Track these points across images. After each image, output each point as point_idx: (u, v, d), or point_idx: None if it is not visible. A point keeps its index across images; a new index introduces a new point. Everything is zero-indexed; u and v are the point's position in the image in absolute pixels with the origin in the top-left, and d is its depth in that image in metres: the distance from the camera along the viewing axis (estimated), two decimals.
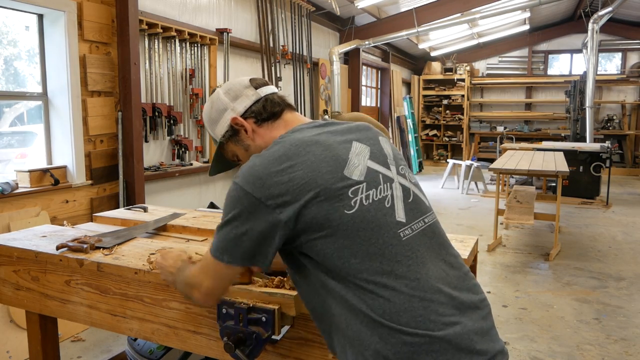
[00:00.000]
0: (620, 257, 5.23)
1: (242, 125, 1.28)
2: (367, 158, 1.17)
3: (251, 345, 1.30)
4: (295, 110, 1.35)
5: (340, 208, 1.08)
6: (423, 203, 1.22)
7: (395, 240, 1.10)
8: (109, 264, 1.65)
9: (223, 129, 1.31)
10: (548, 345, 3.25)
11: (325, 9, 7.77)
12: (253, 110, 1.29)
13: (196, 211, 2.50)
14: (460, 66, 13.54)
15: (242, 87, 1.31)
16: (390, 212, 1.12)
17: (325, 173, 1.10)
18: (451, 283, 1.12)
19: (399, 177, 1.20)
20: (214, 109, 1.33)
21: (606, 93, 12.67)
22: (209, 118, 1.35)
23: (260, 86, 1.32)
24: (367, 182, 1.13)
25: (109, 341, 3.24)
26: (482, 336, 1.09)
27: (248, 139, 1.29)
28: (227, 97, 1.31)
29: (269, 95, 1.31)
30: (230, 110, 1.30)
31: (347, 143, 1.18)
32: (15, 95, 3.70)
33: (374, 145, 1.22)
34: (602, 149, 7.96)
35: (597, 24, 9.08)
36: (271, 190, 1.08)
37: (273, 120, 1.29)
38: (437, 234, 1.20)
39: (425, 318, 1.04)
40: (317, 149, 1.14)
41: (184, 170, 4.71)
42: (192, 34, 4.84)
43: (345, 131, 1.23)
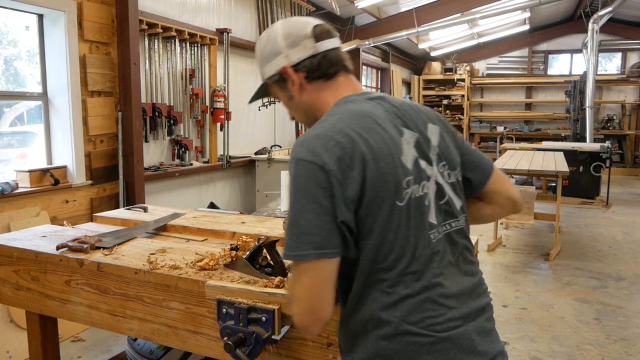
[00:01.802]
0: (620, 257, 5.22)
1: (290, 77, 1.20)
2: (414, 148, 1.11)
3: (251, 345, 1.30)
4: (351, 74, 1.25)
5: (393, 197, 1.03)
6: (455, 206, 1.17)
7: (426, 242, 1.07)
8: (109, 264, 1.65)
9: (271, 71, 1.23)
10: (548, 345, 3.25)
11: (325, 9, 7.77)
12: (306, 65, 1.18)
13: (196, 211, 2.50)
14: (460, 66, 13.54)
15: (302, 34, 1.19)
16: (426, 212, 1.09)
17: (386, 155, 1.04)
18: (465, 290, 1.12)
19: (438, 175, 1.14)
20: (267, 47, 1.23)
21: (606, 93, 12.67)
22: (261, 54, 1.26)
23: (322, 38, 1.20)
24: (414, 176, 1.08)
25: (109, 341, 3.23)
26: (483, 337, 1.09)
27: (294, 91, 1.21)
28: (284, 41, 1.20)
29: (328, 52, 1.20)
30: (284, 57, 1.20)
31: (400, 126, 1.12)
32: (15, 95, 3.70)
33: (421, 134, 1.14)
34: (602, 149, 7.96)
35: (597, 24, 9.08)
36: (341, 163, 1.00)
37: (325, 80, 1.20)
38: (461, 239, 1.16)
39: (433, 321, 1.04)
40: (377, 127, 1.08)
41: (184, 170, 4.71)
42: (192, 34, 4.84)
43: (398, 112, 1.15)
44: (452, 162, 1.19)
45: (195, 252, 1.74)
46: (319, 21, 1.24)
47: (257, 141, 6.35)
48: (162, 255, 1.71)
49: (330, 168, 1.00)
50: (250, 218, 2.34)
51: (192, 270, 1.55)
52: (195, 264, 1.59)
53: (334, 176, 1.00)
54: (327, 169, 1.00)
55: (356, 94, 1.19)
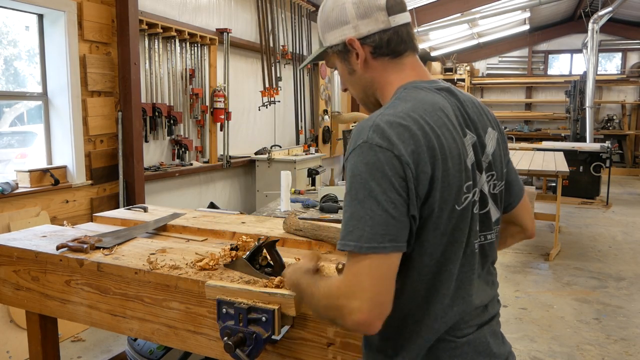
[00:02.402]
0: (620, 257, 5.22)
1: (356, 50, 1.11)
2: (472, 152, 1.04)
3: (251, 345, 1.30)
4: (417, 55, 1.17)
5: (455, 200, 0.98)
6: (492, 218, 1.11)
7: (472, 250, 1.04)
8: (109, 264, 1.65)
9: (335, 40, 1.13)
10: (548, 345, 3.25)
11: None
12: (375, 40, 1.09)
13: (196, 211, 2.50)
14: (460, 66, 13.54)
15: (375, 6, 1.09)
16: (474, 219, 1.05)
17: (455, 156, 0.99)
18: (485, 300, 1.12)
19: (485, 184, 1.09)
20: (334, 12, 1.12)
21: (606, 93, 12.67)
22: (325, 19, 1.15)
23: (395, 12, 1.10)
24: (472, 181, 1.03)
25: (109, 341, 3.23)
26: (495, 339, 1.11)
27: (356, 65, 1.13)
28: (354, 10, 1.10)
29: (399, 28, 1.11)
30: (352, 28, 1.10)
31: (463, 126, 1.05)
32: (15, 95, 3.70)
33: (479, 138, 1.08)
34: (602, 149, 7.96)
35: (597, 24, 9.08)
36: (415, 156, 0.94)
37: (392, 58, 1.11)
38: (489, 253, 1.13)
39: (455, 327, 1.04)
40: (449, 123, 1.01)
41: (184, 170, 4.71)
42: (192, 34, 4.84)
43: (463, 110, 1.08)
44: (499, 173, 1.14)
45: (195, 252, 1.74)
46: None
47: (257, 141, 6.35)
48: (162, 255, 1.71)
49: (407, 160, 0.92)
50: (250, 218, 2.34)
51: (192, 270, 1.55)
52: (195, 264, 1.59)
53: (409, 169, 0.92)
54: (403, 160, 0.92)
55: (425, 82, 1.10)
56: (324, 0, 1.18)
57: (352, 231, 0.92)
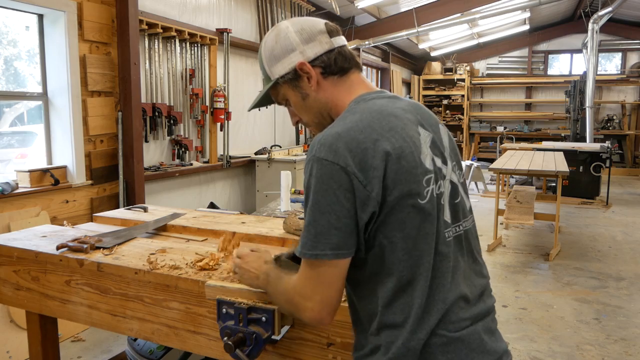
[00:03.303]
0: (620, 257, 5.23)
1: (307, 73, 1.16)
2: (429, 147, 1.10)
3: (251, 345, 1.30)
4: (361, 71, 1.24)
5: (416, 195, 1.03)
6: (465, 206, 1.17)
7: (441, 240, 1.07)
8: (109, 264, 1.65)
9: (284, 69, 1.17)
10: (548, 345, 3.25)
11: (325, 9, 7.77)
12: (323, 60, 1.15)
13: (196, 211, 2.50)
14: (460, 66, 13.54)
15: (317, 30, 1.17)
16: (442, 210, 1.08)
17: (407, 154, 1.04)
18: (475, 291, 1.12)
19: (452, 174, 1.15)
20: (279, 44, 1.18)
21: (606, 93, 12.68)
22: (270, 53, 1.19)
23: (335, 35, 1.18)
24: (433, 175, 1.07)
25: (109, 341, 3.24)
26: (490, 336, 1.10)
27: (309, 89, 1.17)
28: (298, 37, 1.16)
29: (342, 48, 1.18)
30: (299, 53, 1.16)
31: (416, 125, 1.11)
32: (15, 95, 3.70)
33: (435, 134, 1.15)
34: (602, 149, 7.96)
35: (597, 24, 9.08)
36: (363, 164, 0.99)
37: (340, 76, 1.17)
38: (471, 240, 1.16)
39: (444, 321, 1.05)
40: (398, 125, 1.07)
41: (184, 170, 4.71)
42: (192, 34, 4.84)
43: (412, 111, 1.14)
44: (459, 163, 1.21)
45: (195, 252, 1.74)
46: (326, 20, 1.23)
47: (257, 141, 6.35)
48: (162, 255, 1.71)
49: (353, 170, 0.99)
50: (250, 218, 2.34)
51: (192, 270, 1.56)
52: (195, 264, 1.59)
53: (356, 178, 0.99)
54: (349, 170, 0.99)
55: (373, 92, 1.17)
56: (263, 38, 1.24)
57: (302, 238, 1.02)
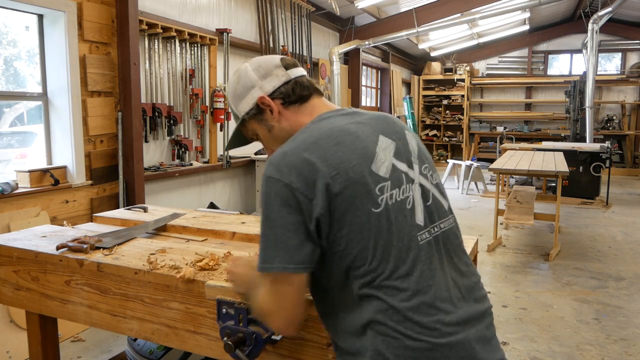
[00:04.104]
0: (620, 257, 5.23)
1: (268, 105, 1.23)
2: (392, 154, 1.13)
3: (251, 346, 1.30)
4: (322, 96, 1.30)
5: (368, 204, 1.05)
6: (442, 207, 1.19)
7: (413, 244, 1.08)
8: (109, 264, 1.65)
9: (248, 106, 1.26)
10: (548, 345, 3.25)
11: (325, 9, 7.77)
12: (282, 92, 1.24)
13: (196, 211, 2.50)
14: (460, 66, 13.54)
15: (272, 65, 1.26)
16: (410, 214, 1.10)
17: (355, 166, 1.07)
18: (460, 292, 1.11)
19: (421, 178, 1.17)
20: (240, 84, 1.27)
21: (606, 93, 12.68)
22: (234, 93, 1.29)
23: (291, 67, 1.27)
24: (391, 181, 1.09)
25: (109, 341, 3.23)
26: (483, 345, 1.09)
27: (273, 120, 1.24)
28: (256, 74, 1.25)
29: (299, 78, 1.26)
30: (258, 89, 1.24)
31: (374, 136, 1.14)
32: (15, 96, 3.70)
33: (399, 140, 1.18)
34: (602, 149, 7.96)
35: (597, 24, 9.08)
36: (307, 180, 1.04)
37: (300, 104, 1.24)
38: (451, 240, 1.17)
39: (430, 325, 1.04)
40: (347, 138, 1.10)
41: (184, 170, 4.72)
42: (192, 34, 4.84)
43: (372, 122, 1.19)
44: (431, 165, 1.24)
45: (195, 252, 1.74)
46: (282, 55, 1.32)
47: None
48: (162, 255, 1.71)
49: (296, 186, 1.04)
50: (250, 218, 2.34)
51: (192, 270, 1.55)
52: (195, 264, 1.59)
53: (301, 194, 1.03)
54: (293, 187, 1.04)
55: (331, 112, 1.22)
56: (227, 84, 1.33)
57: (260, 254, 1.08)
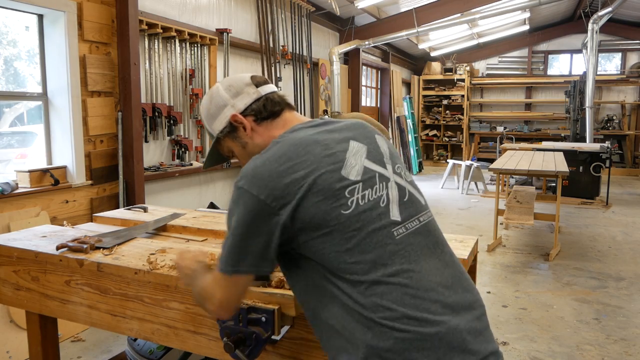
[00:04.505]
0: (620, 257, 5.23)
1: (241, 123, 1.28)
2: (364, 157, 1.18)
3: (251, 346, 1.30)
4: (294, 110, 1.36)
5: (337, 208, 1.09)
6: (419, 202, 1.23)
7: (389, 240, 1.11)
8: (109, 264, 1.65)
9: (221, 124, 1.31)
10: (548, 345, 3.25)
11: (325, 9, 7.77)
12: (253, 109, 1.29)
13: (196, 211, 2.50)
14: (460, 66, 13.54)
15: (243, 84, 1.31)
16: (384, 212, 1.13)
17: (324, 173, 1.11)
18: (445, 282, 1.13)
19: (395, 176, 1.21)
20: (213, 104, 1.33)
21: (606, 93, 12.68)
22: (207, 113, 1.34)
23: (261, 84, 1.32)
24: (363, 182, 1.14)
25: (109, 341, 3.24)
26: (475, 336, 1.09)
27: (246, 137, 1.29)
28: (227, 93, 1.31)
29: (270, 94, 1.31)
30: (230, 107, 1.29)
31: (344, 142, 1.19)
32: (15, 96, 3.70)
33: (370, 144, 1.22)
34: (602, 149, 7.96)
35: (597, 24, 9.08)
36: (275, 191, 1.09)
37: (272, 119, 1.29)
38: (432, 232, 1.21)
39: (416, 315, 1.05)
40: (316, 148, 1.15)
41: (184, 170, 4.71)
42: (192, 34, 4.84)
43: (343, 130, 1.23)
44: (403, 164, 1.29)
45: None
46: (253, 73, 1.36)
47: None
48: (162, 255, 1.71)
49: (264, 198, 1.09)
50: None
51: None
52: None
53: (267, 205, 1.09)
54: (261, 198, 1.09)
55: (301, 124, 1.27)
56: (201, 105, 1.40)
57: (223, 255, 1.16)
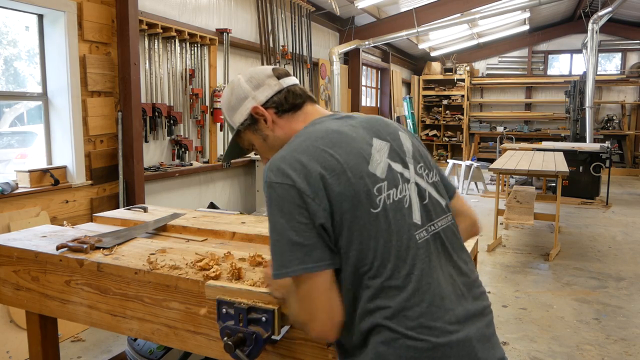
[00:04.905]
0: (620, 257, 5.23)
1: (262, 115, 1.25)
2: (387, 155, 1.15)
3: (251, 346, 1.30)
4: (316, 103, 1.32)
5: (366, 205, 1.06)
6: (439, 205, 1.19)
7: (412, 243, 1.08)
8: (109, 264, 1.65)
9: (242, 116, 1.28)
10: (548, 345, 3.25)
11: (325, 9, 7.77)
12: (275, 101, 1.26)
13: (196, 211, 2.50)
14: (460, 66, 13.54)
15: (264, 76, 1.28)
16: (408, 214, 1.11)
17: (353, 166, 1.08)
18: (458, 290, 1.11)
19: (417, 177, 1.17)
20: (234, 95, 1.30)
21: (606, 93, 12.68)
22: (228, 105, 1.31)
23: (283, 76, 1.29)
24: (387, 181, 1.10)
25: (109, 341, 3.23)
26: (483, 343, 1.09)
27: (267, 129, 1.26)
28: (248, 85, 1.28)
29: (291, 87, 1.29)
30: (252, 99, 1.27)
31: (368, 138, 1.15)
32: (15, 96, 3.70)
33: (394, 141, 1.19)
34: (602, 149, 7.96)
35: (597, 24, 9.08)
36: (306, 180, 1.05)
37: (294, 112, 1.26)
38: (449, 238, 1.17)
39: (430, 324, 1.04)
40: (343, 140, 1.12)
41: (184, 170, 4.71)
42: (192, 34, 4.84)
43: (366, 125, 1.20)
44: (428, 164, 1.24)
45: (195, 252, 1.74)
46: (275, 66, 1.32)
47: None
48: (162, 255, 1.71)
49: (300, 186, 1.04)
50: (250, 218, 2.34)
51: (192, 271, 1.55)
52: (195, 264, 1.59)
53: (305, 193, 1.04)
54: (297, 187, 1.04)
55: (324, 116, 1.24)
56: (222, 97, 1.36)
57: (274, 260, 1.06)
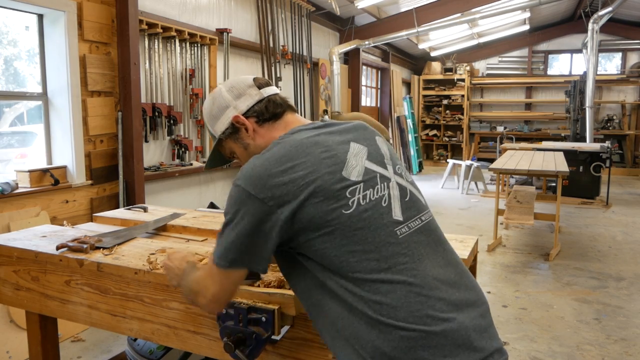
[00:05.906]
0: (620, 257, 5.23)
1: (243, 124, 1.29)
2: (365, 158, 1.19)
3: (251, 345, 1.30)
4: (296, 112, 1.37)
5: (338, 208, 1.10)
6: (419, 201, 1.24)
7: (392, 239, 1.12)
8: (109, 264, 1.65)
9: (223, 126, 1.31)
10: (548, 345, 3.25)
11: (325, 9, 7.76)
12: (255, 110, 1.29)
13: (196, 211, 2.50)
14: (460, 66, 13.54)
15: (245, 85, 1.32)
16: (387, 211, 1.14)
17: (324, 174, 1.12)
18: (448, 280, 1.14)
19: (396, 177, 1.22)
20: (215, 105, 1.33)
21: (606, 93, 12.67)
22: (209, 114, 1.35)
23: (263, 86, 1.33)
24: (364, 182, 1.15)
25: (109, 341, 3.24)
26: (480, 333, 1.11)
27: (248, 138, 1.30)
28: (229, 95, 1.31)
29: (272, 96, 1.32)
30: (233, 108, 1.30)
31: (345, 144, 1.20)
32: (15, 95, 3.70)
33: (371, 146, 1.24)
34: (602, 149, 7.96)
35: (597, 24, 9.08)
36: (273, 190, 1.10)
37: (274, 121, 1.30)
38: (433, 231, 1.22)
39: (421, 314, 1.06)
40: (317, 149, 1.16)
41: (184, 170, 4.71)
42: (192, 34, 4.84)
43: (343, 131, 1.24)
44: (403, 165, 1.31)
45: (195, 252, 1.74)
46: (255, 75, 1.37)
47: None
48: (162, 255, 1.71)
49: (262, 197, 1.10)
50: None
51: None
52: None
53: (265, 204, 1.10)
54: (259, 197, 1.10)
55: (302, 126, 1.27)
56: (204, 106, 1.39)
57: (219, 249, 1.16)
